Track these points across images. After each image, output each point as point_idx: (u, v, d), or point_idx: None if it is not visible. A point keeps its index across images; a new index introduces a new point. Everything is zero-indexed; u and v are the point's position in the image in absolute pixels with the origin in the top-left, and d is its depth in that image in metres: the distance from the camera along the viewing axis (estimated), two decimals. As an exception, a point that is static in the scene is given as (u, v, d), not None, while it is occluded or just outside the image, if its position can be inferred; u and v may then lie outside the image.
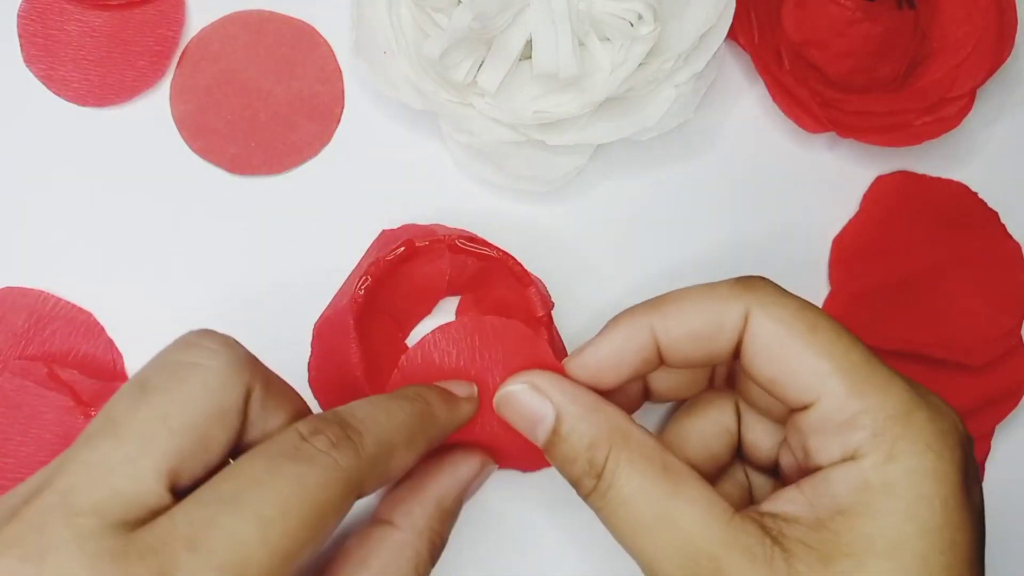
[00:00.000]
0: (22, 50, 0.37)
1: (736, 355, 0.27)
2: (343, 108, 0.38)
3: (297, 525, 0.22)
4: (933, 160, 0.38)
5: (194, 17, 0.38)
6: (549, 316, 0.33)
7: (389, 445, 0.25)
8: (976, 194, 0.38)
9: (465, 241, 0.33)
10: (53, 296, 0.36)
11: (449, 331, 0.29)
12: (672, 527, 0.24)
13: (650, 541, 0.24)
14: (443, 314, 0.36)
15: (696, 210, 0.38)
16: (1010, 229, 0.38)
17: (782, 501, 0.25)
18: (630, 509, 0.25)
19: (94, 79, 0.37)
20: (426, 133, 0.37)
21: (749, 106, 0.39)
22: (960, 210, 0.38)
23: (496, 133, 0.35)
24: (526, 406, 0.27)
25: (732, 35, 0.36)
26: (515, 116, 0.34)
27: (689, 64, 0.35)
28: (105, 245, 0.37)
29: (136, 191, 0.37)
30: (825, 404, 0.25)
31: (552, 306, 0.33)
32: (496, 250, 0.33)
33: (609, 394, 0.28)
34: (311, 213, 0.37)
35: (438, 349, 0.30)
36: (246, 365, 0.25)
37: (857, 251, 0.37)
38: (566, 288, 0.37)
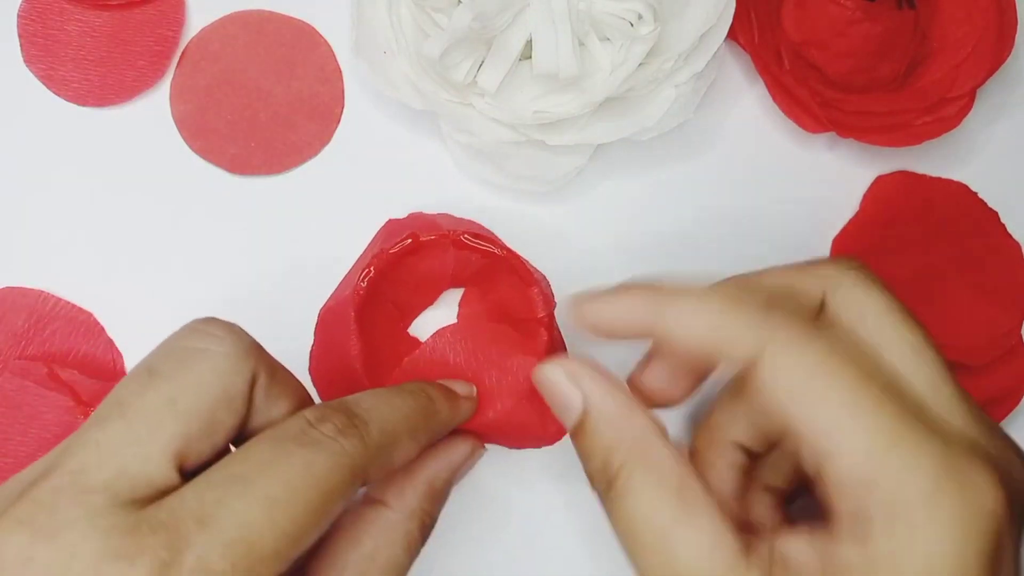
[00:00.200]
0: (22, 50, 0.37)
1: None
2: (343, 108, 0.38)
3: (304, 508, 0.22)
4: (933, 160, 0.38)
5: (194, 17, 0.38)
6: (550, 316, 0.33)
7: (393, 435, 0.25)
8: (976, 194, 0.38)
9: (470, 237, 0.33)
10: (53, 296, 0.36)
11: (444, 334, 0.31)
12: (670, 556, 0.23)
13: (646, 562, 0.24)
14: (446, 306, 0.36)
15: (696, 210, 0.38)
16: (1010, 229, 0.38)
17: (794, 547, 0.23)
18: (633, 525, 0.24)
19: (94, 79, 0.37)
20: (426, 133, 0.37)
21: (749, 106, 0.39)
22: (960, 210, 0.38)
23: (496, 133, 0.35)
24: (558, 392, 0.27)
25: (732, 35, 0.36)
26: (515, 116, 0.34)
27: (689, 64, 0.35)
28: (105, 245, 0.37)
29: (136, 191, 0.37)
30: (839, 463, 0.23)
31: (555, 305, 0.33)
32: (501, 248, 0.33)
33: None
34: (311, 213, 0.37)
35: (437, 351, 0.31)
36: (251, 352, 0.25)
37: (857, 251, 0.37)
38: (566, 288, 0.36)
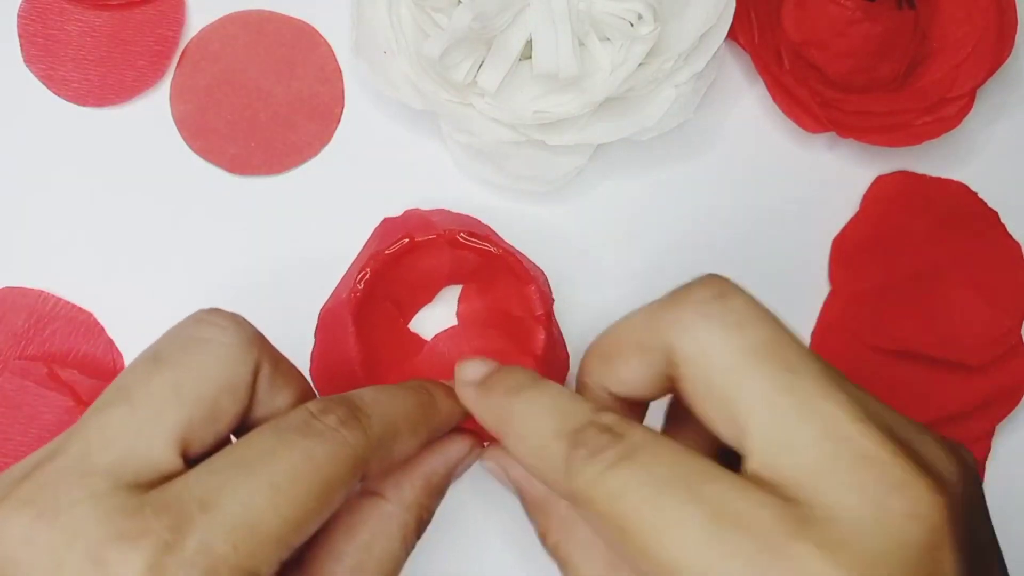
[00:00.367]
0: (22, 50, 0.37)
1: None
2: (343, 108, 0.38)
3: (306, 495, 0.22)
4: (933, 160, 0.38)
5: (194, 17, 0.38)
6: (548, 314, 0.33)
7: (394, 428, 0.26)
8: (976, 194, 0.38)
9: (466, 236, 0.33)
10: (53, 296, 0.36)
11: (443, 336, 0.31)
12: None
13: None
14: (445, 303, 0.36)
15: (696, 210, 0.38)
16: (1010, 229, 0.38)
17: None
18: None
19: (94, 79, 0.37)
20: (426, 133, 0.37)
21: (749, 106, 0.39)
22: (960, 210, 0.38)
23: (496, 133, 0.35)
24: (498, 478, 0.29)
25: (732, 35, 0.36)
26: (515, 116, 0.34)
27: (689, 64, 0.35)
28: (105, 245, 0.37)
29: (136, 191, 0.37)
30: (752, 461, 0.22)
31: (552, 302, 0.33)
32: (497, 246, 0.33)
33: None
34: (311, 213, 0.37)
35: (436, 351, 0.31)
36: (255, 342, 0.25)
37: (857, 251, 0.37)
38: (566, 288, 0.37)
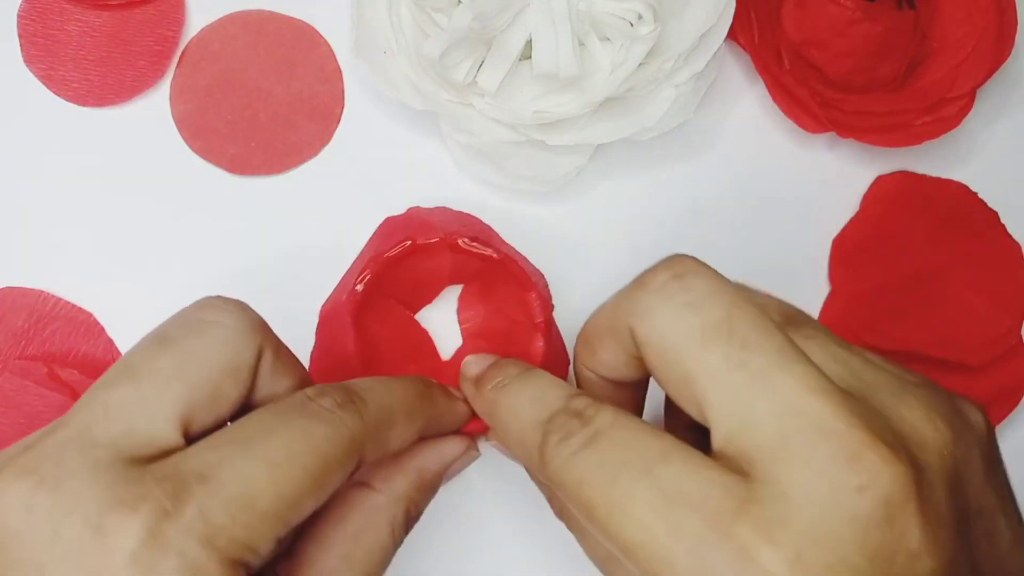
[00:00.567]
0: (22, 50, 0.37)
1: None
2: (343, 108, 0.38)
3: (303, 473, 0.23)
4: (933, 160, 0.38)
5: (194, 17, 0.38)
6: (547, 321, 0.33)
7: (390, 415, 0.26)
8: (976, 194, 0.38)
9: (468, 241, 0.33)
10: (53, 296, 0.36)
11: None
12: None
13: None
14: (446, 304, 0.36)
15: (696, 210, 0.38)
16: (1010, 229, 0.38)
17: None
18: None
19: (94, 79, 0.37)
20: (426, 133, 0.37)
21: (749, 106, 0.39)
22: (960, 210, 0.38)
23: (496, 133, 0.35)
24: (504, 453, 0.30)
25: (732, 35, 0.36)
26: (515, 116, 0.34)
27: (689, 64, 0.35)
28: (105, 245, 0.37)
29: (136, 191, 0.37)
30: (716, 438, 0.22)
31: (552, 309, 0.33)
32: (499, 251, 0.33)
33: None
34: (311, 213, 0.37)
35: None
36: (259, 327, 0.26)
37: (857, 251, 0.37)
38: (566, 288, 0.37)
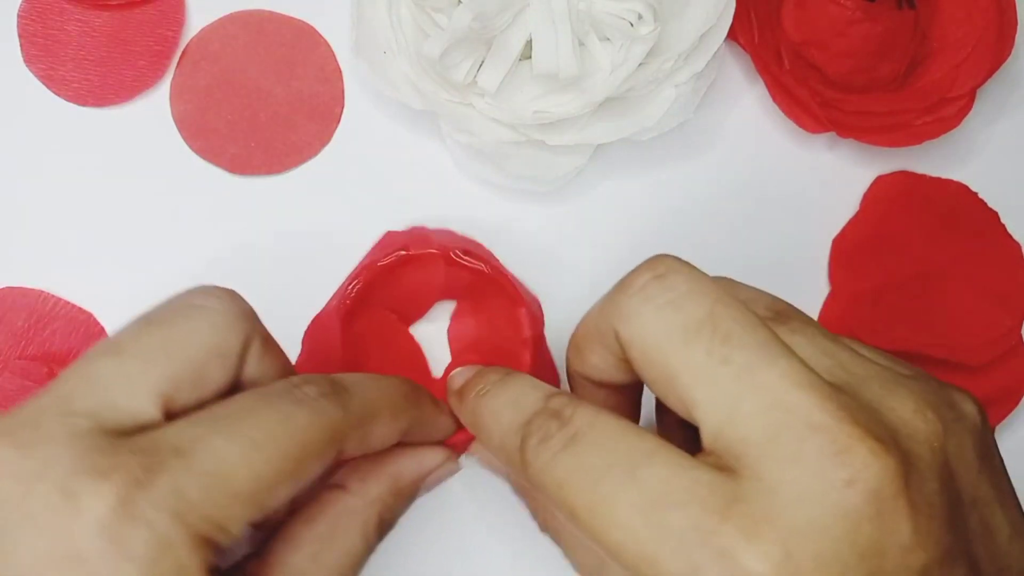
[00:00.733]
0: (22, 50, 0.37)
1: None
2: (343, 108, 0.38)
3: (281, 456, 0.23)
4: (933, 160, 0.38)
5: (194, 17, 0.38)
6: (536, 338, 0.32)
7: (373, 409, 0.26)
8: (976, 194, 0.38)
9: (460, 254, 0.32)
10: (53, 296, 0.36)
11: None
12: None
13: None
14: (437, 319, 0.36)
15: (696, 210, 0.38)
16: (1010, 229, 0.38)
17: None
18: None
19: (94, 79, 0.37)
20: (426, 133, 0.37)
21: (749, 106, 0.39)
22: (960, 210, 0.38)
23: (496, 133, 0.35)
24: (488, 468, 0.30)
25: (732, 35, 0.36)
26: (515, 116, 0.34)
27: (689, 64, 0.35)
28: (105, 245, 0.37)
29: (136, 191, 0.37)
30: (704, 435, 0.22)
31: (543, 326, 0.33)
32: (491, 266, 0.32)
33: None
34: (311, 213, 0.37)
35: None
36: (249, 316, 0.26)
37: (857, 251, 0.37)
38: (566, 288, 0.37)
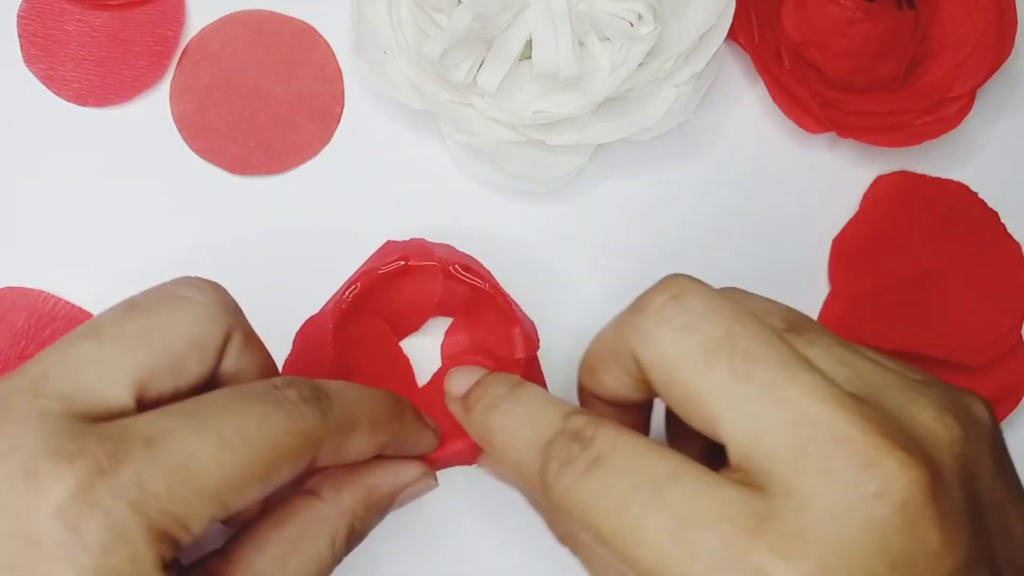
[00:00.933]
0: (22, 50, 0.37)
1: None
2: (343, 108, 0.38)
3: (252, 456, 0.22)
4: (933, 160, 0.38)
5: (194, 17, 0.38)
6: (529, 360, 0.32)
7: (353, 419, 0.26)
8: (976, 194, 0.38)
9: (459, 269, 0.32)
10: (53, 296, 0.36)
11: None
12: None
13: None
14: (431, 333, 0.35)
15: (696, 210, 0.38)
16: (1010, 229, 0.38)
17: None
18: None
19: (94, 79, 0.37)
20: (426, 133, 0.37)
21: (749, 106, 0.39)
22: (960, 210, 0.38)
23: (496, 133, 0.35)
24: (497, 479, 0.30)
25: (732, 35, 0.36)
26: (515, 116, 0.34)
27: (689, 64, 0.35)
28: (105, 245, 0.37)
29: (136, 191, 0.37)
30: (731, 453, 0.22)
31: (537, 348, 0.32)
32: (489, 284, 0.32)
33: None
34: (311, 213, 0.37)
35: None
36: (232, 310, 0.26)
37: (857, 251, 0.37)
38: (566, 289, 0.37)
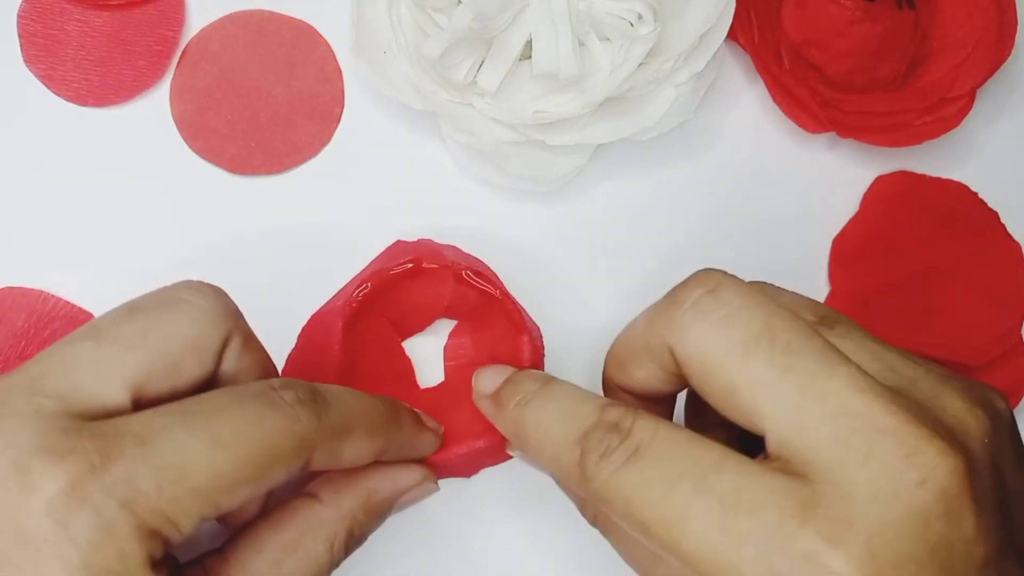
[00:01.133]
0: (22, 50, 0.37)
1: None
2: (343, 108, 0.38)
3: (245, 457, 0.22)
4: (933, 160, 0.38)
5: (194, 17, 0.38)
6: (535, 369, 0.32)
7: (350, 424, 0.26)
8: (976, 194, 0.38)
9: (471, 274, 0.32)
10: (53, 296, 0.36)
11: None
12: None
13: None
14: (437, 335, 0.35)
15: (696, 210, 0.38)
16: (1010, 229, 0.38)
17: None
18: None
19: (94, 79, 0.37)
20: (426, 133, 0.37)
21: (749, 106, 0.39)
22: (960, 210, 0.38)
23: (496, 133, 0.35)
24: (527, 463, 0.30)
25: (732, 35, 0.36)
26: (515, 116, 0.34)
27: (689, 64, 0.35)
28: (105, 245, 0.37)
29: (136, 191, 0.37)
30: (770, 443, 0.23)
31: (543, 357, 0.32)
32: (499, 290, 0.32)
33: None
34: (311, 213, 0.37)
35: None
36: (232, 314, 0.26)
37: (857, 251, 0.37)
38: (567, 289, 0.37)
